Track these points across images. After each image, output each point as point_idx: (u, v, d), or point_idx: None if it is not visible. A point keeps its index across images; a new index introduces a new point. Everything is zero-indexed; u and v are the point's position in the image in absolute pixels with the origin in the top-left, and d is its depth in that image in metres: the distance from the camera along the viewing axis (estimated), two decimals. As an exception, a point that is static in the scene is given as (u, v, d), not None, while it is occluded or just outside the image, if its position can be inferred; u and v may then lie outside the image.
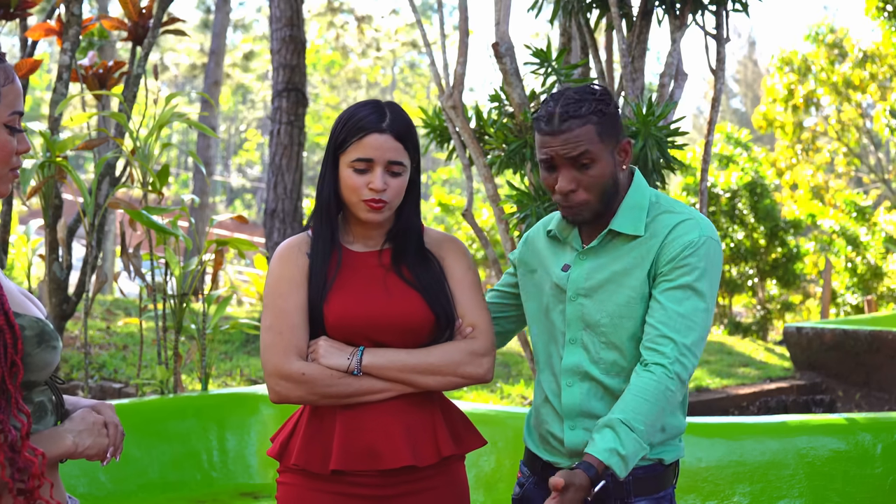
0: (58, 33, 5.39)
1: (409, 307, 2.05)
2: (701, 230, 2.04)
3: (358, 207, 2.05)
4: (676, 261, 2.02)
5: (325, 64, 32.58)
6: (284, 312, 2.03)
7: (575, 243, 2.14)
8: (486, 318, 2.13)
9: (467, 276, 2.14)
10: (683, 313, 1.99)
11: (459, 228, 16.69)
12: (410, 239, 2.12)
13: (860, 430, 3.52)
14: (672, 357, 1.97)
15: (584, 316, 2.09)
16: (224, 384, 6.94)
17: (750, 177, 12.93)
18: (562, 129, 2.01)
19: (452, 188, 28.69)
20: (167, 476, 4.16)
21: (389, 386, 2.03)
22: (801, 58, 18.42)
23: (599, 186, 2.03)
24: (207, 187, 18.53)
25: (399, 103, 2.42)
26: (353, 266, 2.09)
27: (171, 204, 10.26)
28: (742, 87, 44.04)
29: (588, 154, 2.01)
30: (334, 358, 2.01)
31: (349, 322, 2.03)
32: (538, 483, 2.20)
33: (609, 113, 2.04)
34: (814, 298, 15.11)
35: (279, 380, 2.01)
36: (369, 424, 2.03)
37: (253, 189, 39.35)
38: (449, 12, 34.54)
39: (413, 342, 2.06)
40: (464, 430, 2.16)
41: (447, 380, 2.05)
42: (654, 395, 1.95)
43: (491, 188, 4.10)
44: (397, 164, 2.04)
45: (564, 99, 2.04)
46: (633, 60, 3.94)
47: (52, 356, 1.64)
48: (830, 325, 8.61)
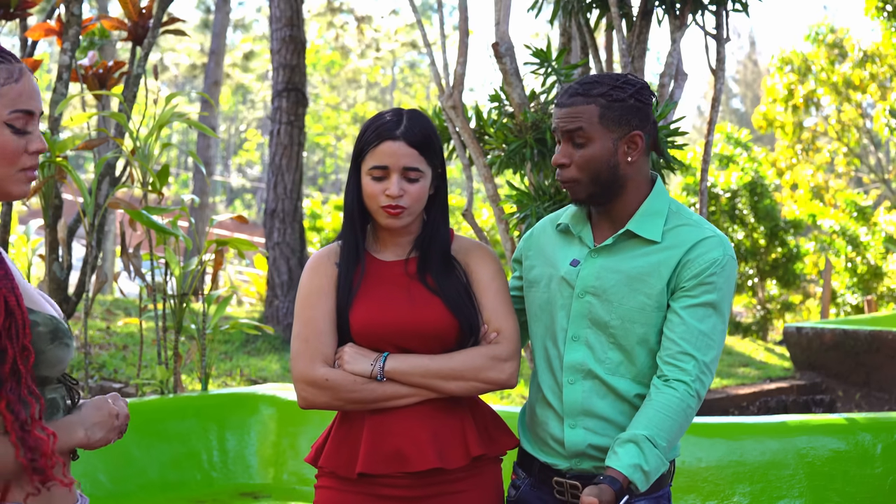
0: (58, 33, 5.40)
1: (432, 314, 2.07)
2: (724, 249, 2.06)
3: (378, 214, 2.09)
4: (701, 278, 2.03)
5: (325, 64, 32.58)
6: (312, 321, 2.08)
7: (587, 239, 2.14)
8: (511, 323, 2.13)
9: (494, 282, 2.16)
10: (705, 331, 2.02)
11: (459, 228, 16.69)
12: (436, 247, 2.14)
13: (860, 430, 3.52)
14: (694, 375, 2.00)
15: (591, 314, 2.09)
16: (224, 384, 6.94)
17: (750, 177, 12.93)
18: (566, 103, 2.06)
19: (452, 188, 28.70)
20: (167, 476, 4.16)
21: (413, 391, 2.05)
22: (802, 58, 18.42)
23: (590, 167, 2.05)
24: (207, 187, 18.53)
25: (399, 103, 2.44)
26: (380, 275, 2.13)
27: (171, 204, 10.27)
28: (742, 87, 44.05)
29: (582, 132, 2.04)
30: (359, 364, 2.04)
31: (373, 329, 2.07)
32: (535, 485, 2.19)
33: (621, 100, 2.05)
34: (814, 298, 15.11)
35: (305, 385, 2.06)
36: (396, 429, 2.05)
37: (253, 189, 39.36)
38: (449, 12, 34.53)
39: (439, 349, 2.08)
40: (496, 430, 2.16)
41: (469, 385, 2.07)
42: (677, 412, 1.98)
43: (491, 188, 4.10)
44: (413, 170, 2.06)
45: (587, 78, 2.09)
46: (633, 60, 3.95)
47: (65, 353, 1.65)
48: (830, 325, 8.61)
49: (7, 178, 1.63)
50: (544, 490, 2.17)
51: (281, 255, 9.52)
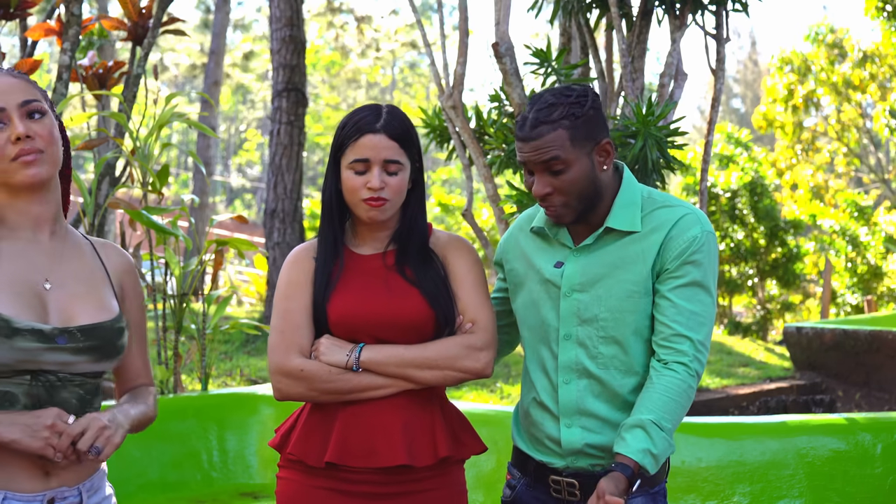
0: (58, 33, 5.39)
1: (409, 305, 2.08)
2: (702, 225, 2.08)
3: (359, 208, 2.09)
4: (684, 257, 2.04)
5: (325, 64, 32.58)
6: (289, 313, 2.09)
7: (566, 241, 2.14)
8: (487, 314, 2.13)
9: (470, 274, 2.16)
10: (695, 311, 2.04)
11: (459, 228, 16.69)
12: (414, 239, 2.15)
13: (860, 430, 3.52)
14: (691, 355, 2.02)
15: (579, 311, 2.09)
16: (224, 384, 6.94)
17: (750, 177, 12.93)
18: (531, 136, 2.03)
19: (452, 188, 28.67)
20: (167, 476, 4.16)
21: (389, 382, 2.05)
22: (801, 58, 18.42)
23: (575, 190, 2.04)
24: (207, 187, 18.53)
25: (399, 103, 2.45)
26: (357, 268, 2.13)
27: (171, 204, 10.27)
28: (742, 87, 44.05)
29: (559, 160, 2.02)
30: (334, 354, 2.04)
31: (350, 320, 2.06)
32: (531, 484, 2.19)
33: (583, 115, 2.03)
34: (814, 298, 15.11)
35: (280, 377, 2.06)
36: (368, 421, 2.05)
37: (253, 189, 39.36)
38: (449, 12, 34.53)
39: (416, 340, 2.08)
40: (464, 433, 2.16)
41: (445, 374, 2.06)
42: (679, 394, 2.00)
43: (491, 188, 4.10)
44: (394, 162, 2.07)
45: (539, 104, 2.05)
46: (633, 60, 3.94)
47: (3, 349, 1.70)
48: (830, 325, 8.61)
49: (5, 172, 1.77)
50: (540, 489, 2.17)
51: (281, 255, 9.52)
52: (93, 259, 1.91)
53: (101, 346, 1.81)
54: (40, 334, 1.73)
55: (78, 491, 1.82)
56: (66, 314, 1.79)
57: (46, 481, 1.77)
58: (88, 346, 1.79)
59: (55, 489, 1.78)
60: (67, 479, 1.80)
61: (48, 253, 1.83)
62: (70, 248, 1.87)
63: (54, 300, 1.80)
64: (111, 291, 1.89)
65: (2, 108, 1.78)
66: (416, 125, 2.21)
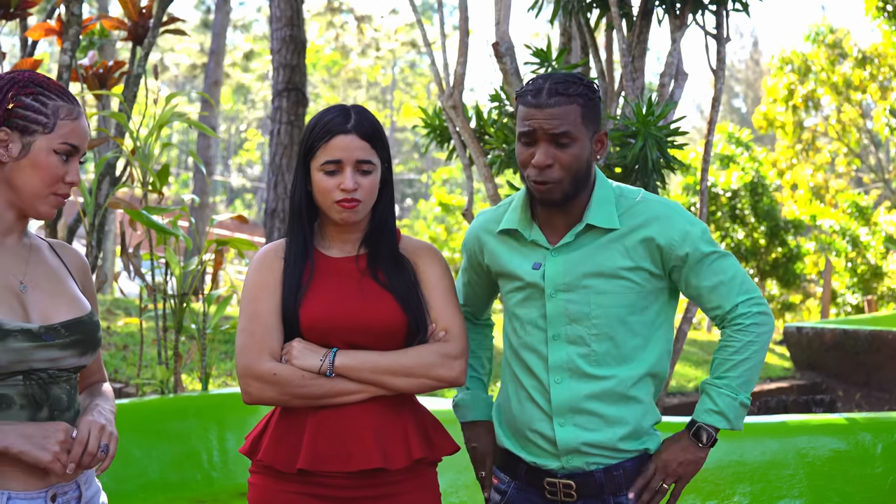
0: (58, 33, 5.39)
1: (383, 309, 2.06)
2: (681, 214, 2.11)
3: (332, 210, 2.06)
4: (687, 244, 2.07)
5: (325, 64, 32.59)
6: (258, 315, 2.06)
7: (541, 241, 2.13)
8: (459, 322, 2.12)
9: (441, 281, 2.14)
10: (726, 279, 2.10)
11: (459, 228, 16.69)
12: (385, 241, 2.13)
13: (860, 430, 3.51)
14: (753, 312, 2.08)
15: (567, 311, 2.09)
16: (224, 384, 6.94)
17: (750, 176, 12.93)
18: (549, 103, 2.02)
19: (452, 188, 28.67)
20: (167, 476, 4.16)
21: (362, 388, 2.03)
22: (802, 58, 18.42)
23: (574, 167, 2.04)
24: (207, 187, 18.53)
25: (399, 103, 2.44)
26: (329, 271, 2.10)
27: (171, 204, 10.27)
28: (743, 87, 44.05)
29: (569, 134, 2.02)
30: (307, 359, 2.02)
31: (323, 324, 2.04)
32: (522, 488, 2.17)
33: (594, 100, 2.07)
34: (814, 298, 15.12)
35: (251, 380, 2.03)
36: (340, 426, 2.02)
37: (253, 189, 39.37)
38: (449, 12, 34.54)
39: (389, 346, 2.06)
40: (436, 434, 2.14)
41: (419, 382, 2.05)
42: (763, 346, 2.09)
43: (491, 188, 4.10)
44: (366, 162, 2.05)
45: (554, 77, 2.06)
46: (633, 60, 3.95)
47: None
48: (830, 325, 8.61)
49: (40, 197, 1.85)
50: (533, 492, 2.15)
51: (281, 255, 9.51)
52: (54, 259, 1.95)
53: (84, 339, 1.86)
54: (29, 333, 1.77)
55: (76, 484, 1.87)
56: (45, 313, 1.83)
57: (46, 478, 1.80)
58: (73, 340, 1.83)
59: (55, 485, 1.82)
60: (65, 475, 1.83)
61: (18, 255, 1.87)
62: (35, 250, 1.92)
63: (32, 300, 1.83)
64: (77, 288, 1.95)
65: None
66: (417, 125, 2.21)
